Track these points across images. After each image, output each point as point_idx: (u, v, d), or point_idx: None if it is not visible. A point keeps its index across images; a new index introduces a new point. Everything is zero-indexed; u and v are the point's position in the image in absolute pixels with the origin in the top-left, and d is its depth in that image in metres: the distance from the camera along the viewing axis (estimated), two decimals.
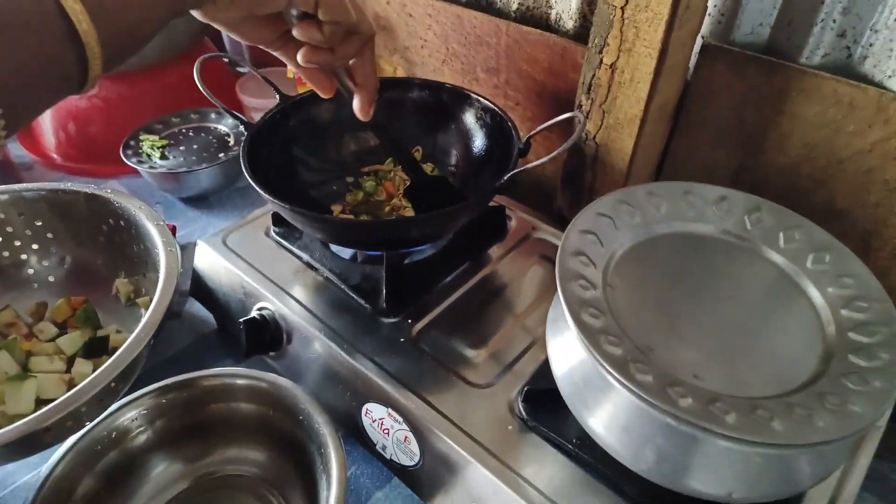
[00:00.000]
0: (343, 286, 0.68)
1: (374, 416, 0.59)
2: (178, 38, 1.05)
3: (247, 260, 0.71)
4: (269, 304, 0.67)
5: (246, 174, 0.63)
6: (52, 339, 0.66)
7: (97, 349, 0.65)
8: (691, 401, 0.39)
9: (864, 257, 0.52)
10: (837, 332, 0.45)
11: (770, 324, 0.48)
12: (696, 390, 0.40)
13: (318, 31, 0.49)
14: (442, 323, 0.65)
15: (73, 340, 0.65)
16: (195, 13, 0.46)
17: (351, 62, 0.56)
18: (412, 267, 0.71)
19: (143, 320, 0.51)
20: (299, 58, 0.52)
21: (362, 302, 0.66)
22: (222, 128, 1.06)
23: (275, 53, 0.54)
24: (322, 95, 0.58)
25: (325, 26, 0.49)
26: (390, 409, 0.57)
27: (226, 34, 0.51)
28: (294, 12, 0.49)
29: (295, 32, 0.50)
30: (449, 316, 0.66)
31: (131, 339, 0.50)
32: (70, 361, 0.64)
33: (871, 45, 0.60)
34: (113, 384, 0.48)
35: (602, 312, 0.46)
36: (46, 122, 1.08)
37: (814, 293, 0.49)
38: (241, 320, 0.66)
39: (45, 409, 0.45)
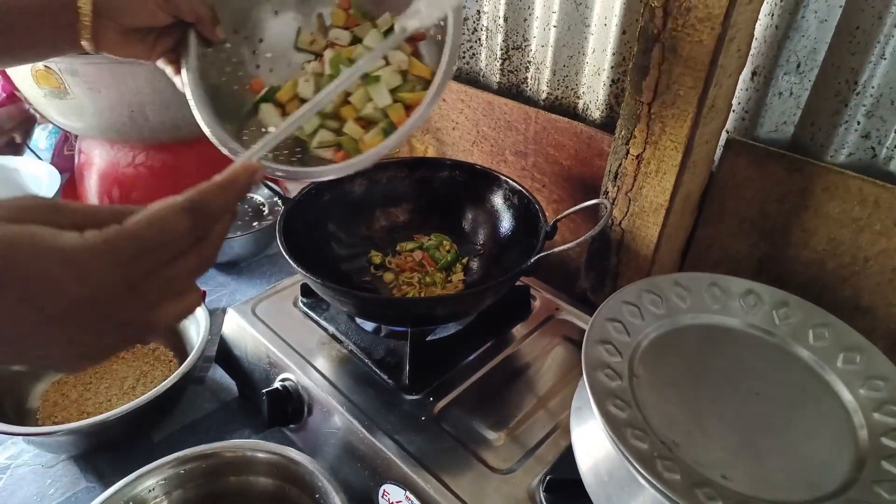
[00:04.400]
0: (367, 360, 0.68)
1: (392, 498, 0.58)
2: None
3: (274, 329, 0.72)
4: (292, 374, 0.68)
5: (281, 248, 0.65)
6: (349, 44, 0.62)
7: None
8: None
9: (892, 356, 0.51)
10: (870, 437, 0.44)
11: (798, 422, 0.47)
12: (724, 492, 0.40)
13: None
14: (464, 402, 0.65)
15: (372, 35, 0.60)
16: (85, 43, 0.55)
17: None
18: (436, 344, 0.71)
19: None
20: None
21: (385, 377, 0.66)
22: (258, 197, 1.10)
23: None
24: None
25: None
26: (408, 493, 0.57)
27: None
28: None
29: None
30: (471, 395, 0.66)
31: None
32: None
33: (895, 146, 0.61)
34: None
35: (628, 404, 0.45)
36: (92, 187, 1.13)
37: (844, 394, 0.48)
38: (263, 391, 0.66)
39: None
